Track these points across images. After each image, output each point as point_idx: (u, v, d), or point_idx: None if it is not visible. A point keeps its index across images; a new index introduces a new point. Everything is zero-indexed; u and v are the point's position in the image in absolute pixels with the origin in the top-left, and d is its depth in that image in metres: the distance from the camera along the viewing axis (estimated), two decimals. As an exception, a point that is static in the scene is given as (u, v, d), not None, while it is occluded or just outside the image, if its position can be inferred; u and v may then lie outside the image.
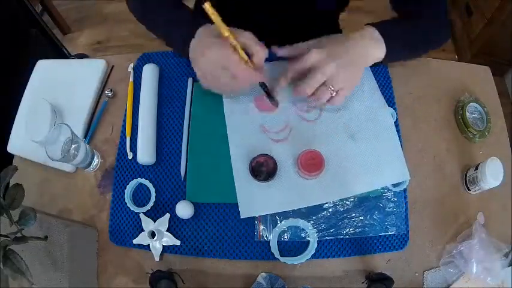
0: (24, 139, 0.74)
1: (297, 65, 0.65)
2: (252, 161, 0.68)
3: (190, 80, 0.79)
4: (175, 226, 0.69)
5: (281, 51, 0.70)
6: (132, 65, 0.82)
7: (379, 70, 0.79)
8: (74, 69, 0.85)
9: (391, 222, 0.68)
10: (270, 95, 0.69)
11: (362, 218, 0.68)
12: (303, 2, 0.82)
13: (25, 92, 0.82)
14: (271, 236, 0.66)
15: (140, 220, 0.69)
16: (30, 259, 0.55)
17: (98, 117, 0.77)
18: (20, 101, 0.81)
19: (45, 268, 0.64)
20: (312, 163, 0.65)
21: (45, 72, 0.84)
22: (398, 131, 0.73)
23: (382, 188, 0.69)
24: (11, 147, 0.77)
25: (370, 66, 0.79)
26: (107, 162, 0.75)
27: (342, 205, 0.69)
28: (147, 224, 0.68)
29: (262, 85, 0.67)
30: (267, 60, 0.68)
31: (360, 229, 0.67)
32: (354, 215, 0.68)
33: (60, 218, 0.70)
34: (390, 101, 0.76)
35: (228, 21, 0.59)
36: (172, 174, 0.72)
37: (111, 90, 0.79)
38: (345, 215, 0.68)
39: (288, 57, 0.70)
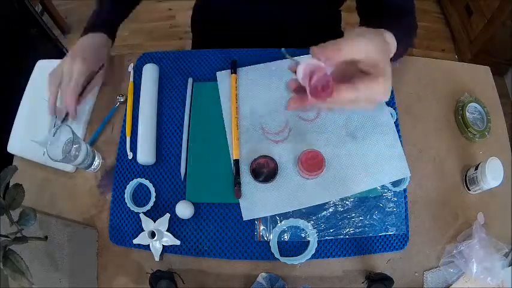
0: (24, 139, 0.74)
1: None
2: (253, 163, 0.68)
3: (190, 80, 0.79)
4: (175, 226, 0.69)
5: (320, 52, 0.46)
6: (132, 65, 0.82)
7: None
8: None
9: (391, 222, 0.68)
10: None
11: (362, 218, 0.68)
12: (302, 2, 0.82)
13: (25, 92, 0.82)
14: (271, 236, 0.66)
15: (140, 220, 0.69)
16: (30, 259, 0.55)
17: (105, 122, 0.77)
18: (20, 101, 0.81)
19: (45, 268, 0.64)
20: (312, 163, 0.65)
21: (45, 72, 0.83)
22: (398, 131, 0.73)
23: (382, 188, 0.69)
24: (11, 147, 0.77)
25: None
26: (107, 162, 0.75)
27: (342, 205, 0.69)
28: (147, 224, 0.68)
29: None
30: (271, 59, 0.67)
31: (360, 229, 0.67)
32: (354, 215, 0.68)
33: (60, 218, 0.70)
34: (390, 101, 0.76)
35: (228, 22, 0.59)
36: (172, 174, 0.72)
37: (122, 95, 0.79)
38: (345, 215, 0.68)
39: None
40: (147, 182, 0.71)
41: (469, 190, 0.71)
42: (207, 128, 0.74)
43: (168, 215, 0.68)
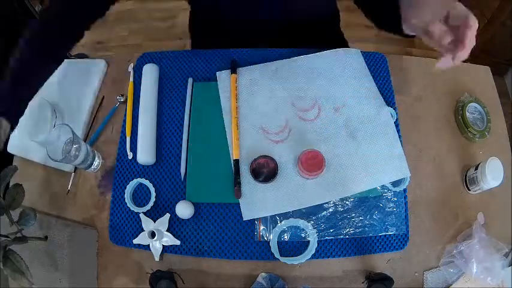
0: (24, 139, 0.74)
1: (467, 37, 0.52)
2: (253, 163, 0.68)
3: (190, 80, 0.79)
4: (175, 226, 0.69)
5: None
6: (132, 65, 0.82)
7: (378, 70, 0.79)
8: (74, 69, 0.85)
9: (391, 222, 0.68)
10: None
11: (362, 218, 0.68)
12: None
13: None
14: (271, 236, 0.66)
15: (140, 220, 0.69)
16: (30, 259, 0.55)
17: (105, 122, 0.77)
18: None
19: (45, 268, 0.64)
20: (312, 163, 0.65)
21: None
22: (398, 131, 0.73)
23: (382, 188, 0.69)
24: (11, 147, 0.77)
25: (371, 67, 0.79)
26: (107, 162, 0.75)
27: (342, 205, 0.69)
28: (147, 224, 0.68)
29: None
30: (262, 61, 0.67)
31: (360, 229, 0.67)
32: (354, 215, 0.68)
33: (60, 218, 0.70)
34: (390, 101, 0.76)
35: (227, 23, 0.58)
36: (172, 174, 0.72)
37: (122, 95, 0.78)
38: (344, 215, 0.68)
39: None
40: (147, 182, 0.71)
41: (469, 190, 0.71)
42: (207, 128, 0.74)
43: (168, 215, 0.68)
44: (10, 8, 1.35)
